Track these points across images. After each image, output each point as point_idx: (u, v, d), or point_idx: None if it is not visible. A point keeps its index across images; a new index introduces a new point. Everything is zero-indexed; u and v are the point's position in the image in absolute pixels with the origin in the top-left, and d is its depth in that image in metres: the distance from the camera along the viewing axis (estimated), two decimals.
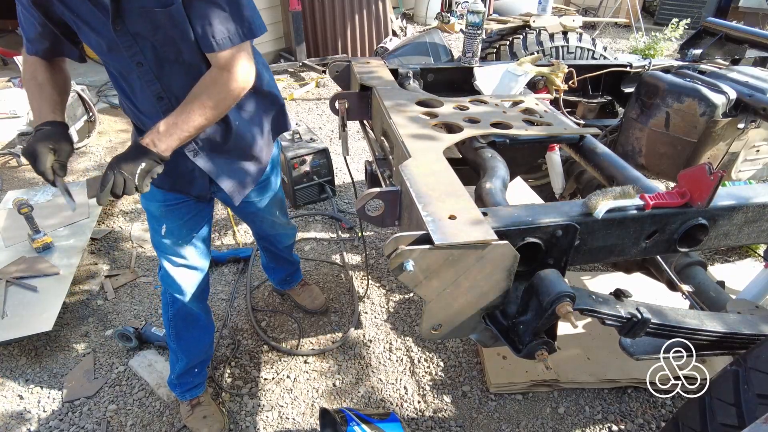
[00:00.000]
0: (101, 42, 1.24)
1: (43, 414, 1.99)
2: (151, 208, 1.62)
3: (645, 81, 2.00)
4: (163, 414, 1.99)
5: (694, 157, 1.92)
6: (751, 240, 1.27)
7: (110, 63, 1.32)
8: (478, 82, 1.97)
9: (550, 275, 0.97)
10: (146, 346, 2.27)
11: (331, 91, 5.27)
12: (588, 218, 1.08)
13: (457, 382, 2.11)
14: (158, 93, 1.34)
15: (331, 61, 1.94)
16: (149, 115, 1.40)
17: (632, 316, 1.05)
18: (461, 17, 6.29)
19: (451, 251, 0.91)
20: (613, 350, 2.12)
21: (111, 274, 2.70)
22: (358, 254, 2.88)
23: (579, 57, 2.65)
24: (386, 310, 2.49)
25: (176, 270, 1.68)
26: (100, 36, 1.23)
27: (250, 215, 1.92)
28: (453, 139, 1.35)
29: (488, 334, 1.12)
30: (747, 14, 7.55)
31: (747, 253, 2.82)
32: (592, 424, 1.95)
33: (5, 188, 3.50)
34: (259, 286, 2.64)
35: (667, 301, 1.33)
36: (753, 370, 1.00)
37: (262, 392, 2.08)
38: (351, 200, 3.41)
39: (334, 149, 3.68)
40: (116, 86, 1.41)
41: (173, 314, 1.77)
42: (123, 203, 3.35)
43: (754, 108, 1.78)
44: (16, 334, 2.14)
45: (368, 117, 1.82)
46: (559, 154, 2.04)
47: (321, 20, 5.74)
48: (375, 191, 1.16)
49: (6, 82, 4.58)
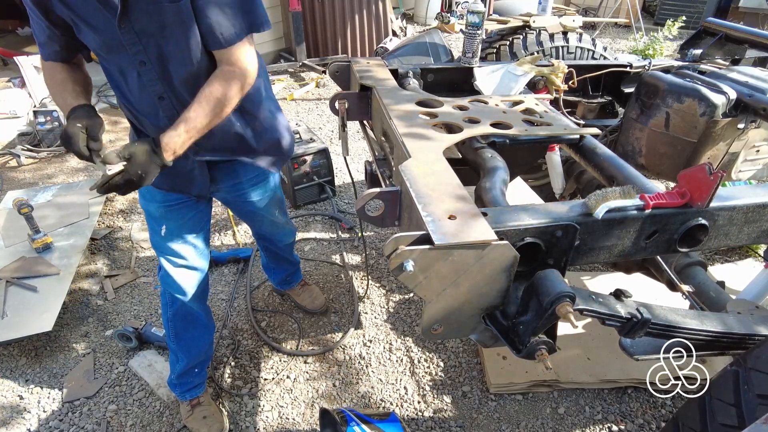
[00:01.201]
0: (103, 41, 1.24)
1: (43, 414, 1.99)
2: (151, 208, 1.62)
3: (645, 81, 2.00)
4: (163, 414, 1.99)
5: (694, 158, 1.92)
6: (751, 240, 1.27)
7: (110, 63, 1.32)
8: (478, 82, 1.97)
9: (550, 275, 0.97)
10: (146, 347, 2.27)
11: (331, 91, 5.27)
12: (588, 218, 1.08)
13: (457, 382, 2.11)
14: (160, 93, 1.34)
15: (331, 61, 1.94)
16: (148, 115, 1.40)
17: (632, 316, 1.05)
18: (461, 17, 6.28)
19: (451, 251, 0.91)
20: (613, 350, 2.12)
21: (111, 274, 2.70)
22: (358, 254, 2.88)
23: (579, 57, 2.65)
24: (386, 310, 2.49)
25: (176, 270, 1.68)
26: (102, 35, 1.23)
27: (249, 215, 1.92)
28: (453, 139, 1.35)
29: (488, 335, 1.11)
30: (747, 14, 7.55)
31: (747, 253, 2.82)
32: (592, 424, 1.95)
33: (5, 188, 3.50)
34: (259, 286, 2.64)
35: (667, 301, 1.33)
36: (753, 371, 0.99)
37: (262, 392, 2.08)
38: (351, 200, 3.41)
39: (334, 149, 3.68)
40: (114, 86, 1.39)
41: (173, 314, 1.77)
42: (123, 203, 3.35)
43: (754, 108, 1.78)
44: (16, 334, 2.14)
45: (368, 117, 1.82)
46: (559, 155, 2.04)
47: (321, 20, 5.74)
48: (375, 191, 1.16)
49: (6, 82, 4.58)
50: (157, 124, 1.40)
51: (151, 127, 1.42)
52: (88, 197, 3.10)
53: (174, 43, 1.25)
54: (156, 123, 1.40)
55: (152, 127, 1.41)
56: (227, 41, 1.26)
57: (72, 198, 3.10)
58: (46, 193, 3.17)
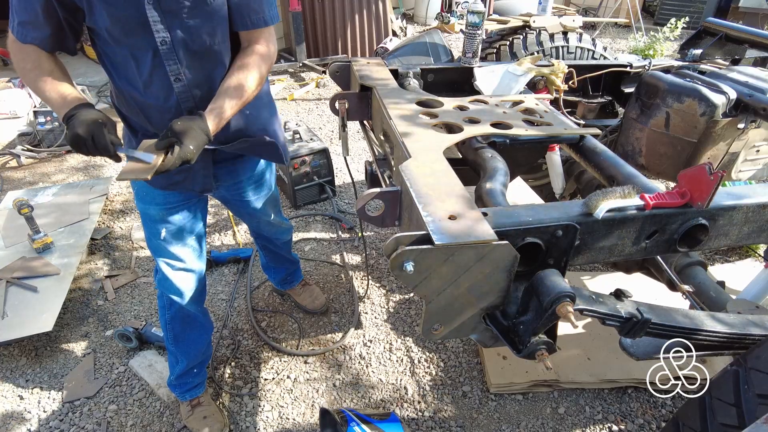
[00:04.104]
0: (121, 23, 1.19)
1: (43, 414, 1.99)
2: (151, 211, 1.60)
3: (645, 81, 2.00)
4: (163, 414, 1.99)
5: (694, 157, 1.92)
6: (751, 240, 1.27)
7: (123, 46, 1.25)
8: (478, 83, 1.97)
9: (550, 275, 0.97)
10: (146, 347, 2.27)
11: (331, 91, 5.27)
12: (588, 218, 1.08)
13: (457, 382, 2.11)
14: (177, 74, 1.31)
15: (331, 61, 1.94)
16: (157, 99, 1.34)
17: (632, 316, 1.05)
18: (461, 17, 6.29)
19: (452, 251, 0.91)
20: (613, 350, 2.12)
21: (111, 275, 2.70)
22: (358, 254, 2.88)
23: (579, 57, 2.65)
24: (386, 310, 2.49)
25: (175, 273, 1.67)
26: (122, 15, 1.18)
27: (246, 213, 1.92)
28: (453, 139, 1.35)
29: (488, 335, 1.11)
30: (747, 14, 7.55)
31: (747, 253, 2.82)
32: (593, 424, 1.95)
33: (5, 188, 3.50)
34: (260, 286, 2.64)
35: (667, 301, 1.33)
36: (753, 370, 0.99)
37: (262, 392, 2.08)
38: (351, 200, 3.41)
39: (334, 149, 3.68)
40: (117, 76, 1.33)
41: (171, 317, 1.77)
42: (122, 203, 3.35)
43: (754, 108, 1.78)
44: (16, 335, 2.14)
45: (368, 117, 1.82)
46: (559, 155, 2.03)
47: (321, 20, 5.74)
48: (375, 191, 1.16)
49: (6, 82, 4.58)
50: (165, 110, 1.35)
51: (157, 114, 1.37)
52: (88, 197, 3.10)
53: (198, 22, 1.25)
54: (165, 108, 1.35)
55: (158, 116, 1.37)
56: (254, 24, 1.34)
57: (72, 198, 3.10)
58: (46, 193, 3.17)
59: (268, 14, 1.36)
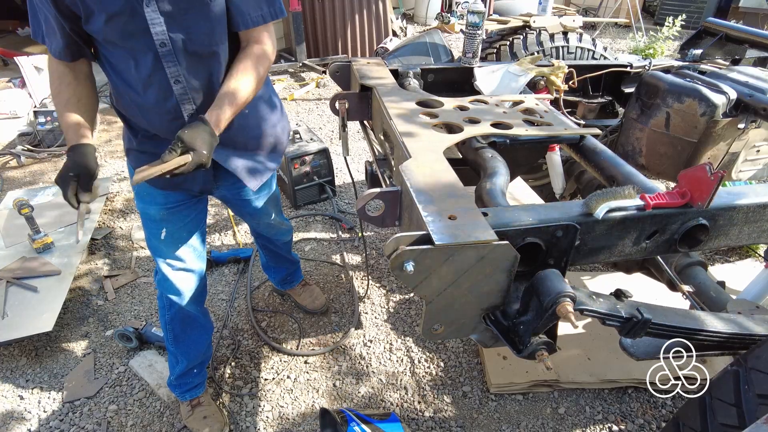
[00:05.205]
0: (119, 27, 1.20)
1: (43, 414, 1.99)
2: (151, 211, 1.59)
3: (645, 81, 2.00)
4: (163, 414, 1.99)
5: (695, 158, 1.92)
6: (751, 240, 1.27)
7: (121, 49, 1.26)
8: (479, 83, 1.97)
9: (550, 275, 0.97)
10: (146, 347, 2.27)
11: (331, 91, 5.27)
12: (588, 218, 1.08)
13: (457, 382, 2.11)
14: (176, 76, 1.31)
15: (331, 61, 1.94)
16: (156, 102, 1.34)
17: (632, 317, 1.05)
18: (461, 17, 6.29)
19: (452, 251, 0.91)
20: (613, 350, 2.12)
21: (111, 275, 2.70)
22: (358, 254, 2.88)
23: (579, 57, 2.65)
24: (386, 310, 2.49)
25: (175, 274, 1.67)
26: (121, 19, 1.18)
27: (247, 213, 1.92)
28: (453, 139, 1.35)
29: (488, 335, 1.11)
30: (747, 14, 7.55)
31: (747, 253, 2.82)
32: (593, 424, 1.95)
33: (5, 188, 3.50)
34: (260, 286, 2.64)
35: (667, 301, 1.33)
36: (753, 371, 0.99)
37: (262, 392, 2.08)
38: (351, 200, 3.41)
39: (334, 149, 3.67)
40: (116, 79, 1.33)
41: (171, 318, 1.76)
42: (122, 203, 3.35)
43: (755, 108, 1.78)
44: (16, 335, 2.14)
45: (368, 117, 1.82)
46: (559, 155, 2.03)
47: (321, 20, 5.74)
48: (375, 191, 1.16)
49: (6, 82, 4.58)
50: (164, 111, 1.35)
51: (156, 115, 1.37)
52: None
53: (196, 23, 1.25)
54: (164, 110, 1.35)
55: (157, 117, 1.37)
56: (253, 22, 1.33)
57: None
58: (46, 193, 3.17)
59: (267, 10, 1.35)
